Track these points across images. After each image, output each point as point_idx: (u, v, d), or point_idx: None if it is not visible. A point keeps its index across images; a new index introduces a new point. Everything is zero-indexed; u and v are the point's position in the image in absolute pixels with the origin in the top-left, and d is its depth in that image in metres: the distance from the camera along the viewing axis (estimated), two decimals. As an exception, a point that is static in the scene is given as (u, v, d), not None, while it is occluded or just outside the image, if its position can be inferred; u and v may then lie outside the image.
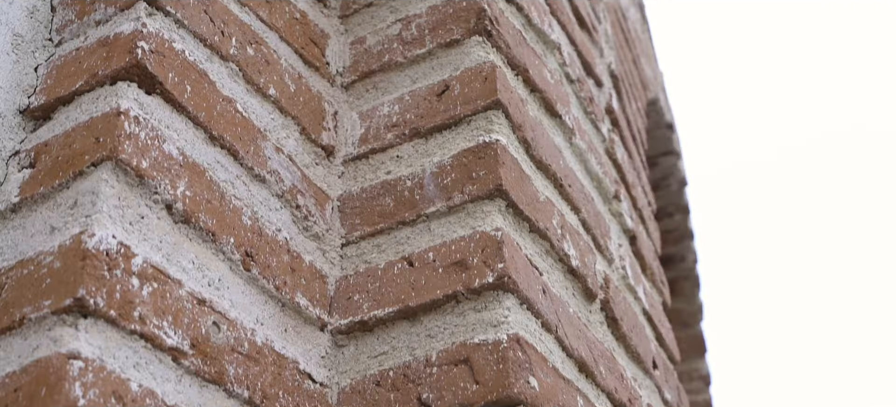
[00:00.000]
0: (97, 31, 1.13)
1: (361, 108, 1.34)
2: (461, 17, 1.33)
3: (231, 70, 1.19)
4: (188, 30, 1.14)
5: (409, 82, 1.33)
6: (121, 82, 1.05)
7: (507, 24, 1.37)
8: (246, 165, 1.15)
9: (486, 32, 1.32)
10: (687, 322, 3.01)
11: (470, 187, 1.19)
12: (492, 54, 1.31)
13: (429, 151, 1.26)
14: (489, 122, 1.24)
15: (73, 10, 1.17)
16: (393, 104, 1.32)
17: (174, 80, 1.09)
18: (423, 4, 1.37)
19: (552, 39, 1.50)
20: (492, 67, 1.28)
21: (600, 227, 1.48)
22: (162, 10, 1.12)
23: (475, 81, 1.28)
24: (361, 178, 1.28)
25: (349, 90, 1.37)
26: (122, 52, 1.07)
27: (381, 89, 1.34)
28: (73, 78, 1.09)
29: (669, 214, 2.86)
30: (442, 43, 1.33)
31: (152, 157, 1.02)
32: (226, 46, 1.19)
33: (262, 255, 1.12)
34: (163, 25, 1.12)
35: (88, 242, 0.92)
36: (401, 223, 1.21)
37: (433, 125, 1.27)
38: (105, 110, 1.03)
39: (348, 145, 1.31)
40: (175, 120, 1.08)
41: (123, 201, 0.98)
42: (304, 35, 1.34)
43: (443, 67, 1.32)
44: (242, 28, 1.23)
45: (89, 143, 1.01)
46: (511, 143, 1.25)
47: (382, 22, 1.39)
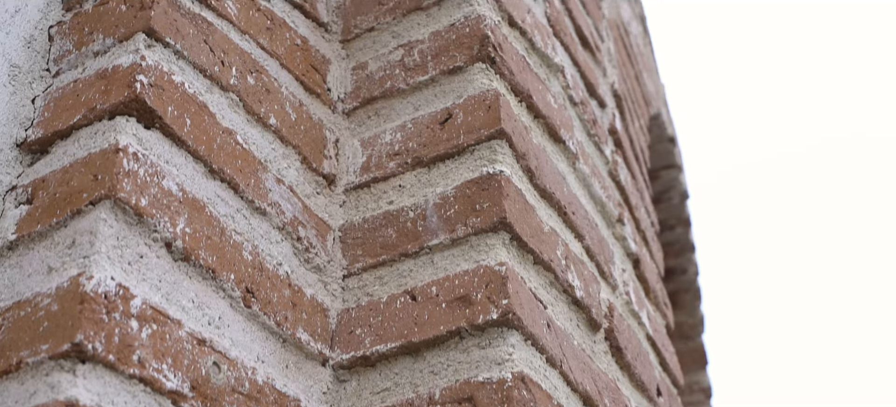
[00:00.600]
0: (96, 62, 1.11)
1: (363, 135, 1.33)
2: (464, 43, 1.31)
3: (231, 100, 1.17)
4: (188, 61, 1.13)
5: (411, 110, 1.31)
6: (119, 117, 1.04)
7: (511, 50, 1.36)
8: (246, 198, 1.13)
9: (490, 59, 1.30)
10: (688, 335, 2.99)
11: (473, 220, 1.17)
12: (495, 81, 1.29)
13: (431, 181, 1.24)
14: (493, 152, 1.23)
15: (71, 40, 1.15)
16: (395, 132, 1.30)
17: (174, 113, 1.07)
18: (426, 30, 1.36)
19: (556, 63, 1.49)
20: (495, 95, 1.26)
21: (604, 253, 1.47)
22: (161, 42, 1.10)
23: (478, 110, 1.26)
24: (363, 208, 1.26)
25: (350, 117, 1.35)
26: (121, 86, 1.05)
27: (383, 116, 1.33)
28: (71, 111, 1.08)
29: (671, 227, 2.84)
30: (445, 70, 1.31)
31: (151, 195, 1.00)
32: (226, 76, 1.17)
33: (262, 290, 1.10)
34: (162, 57, 1.10)
35: (86, 284, 0.91)
36: (403, 255, 1.20)
37: (436, 154, 1.26)
38: (103, 146, 1.01)
39: (350, 174, 1.30)
40: (175, 154, 1.06)
41: (122, 241, 0.96)
42: (304, 61, 1.32)
43: (445, 95, 1.30)
44: (243, 57, 1.21)
45: (87, 181, 0.99)
46: (515, 173, 1.24)
47: (384, 47, 1.37)
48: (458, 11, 1.34)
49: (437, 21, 1.35)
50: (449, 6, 1.36)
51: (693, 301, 2.98)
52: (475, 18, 1.32)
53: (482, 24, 1.31)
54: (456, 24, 1.33)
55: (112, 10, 1.14)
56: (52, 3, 1.21)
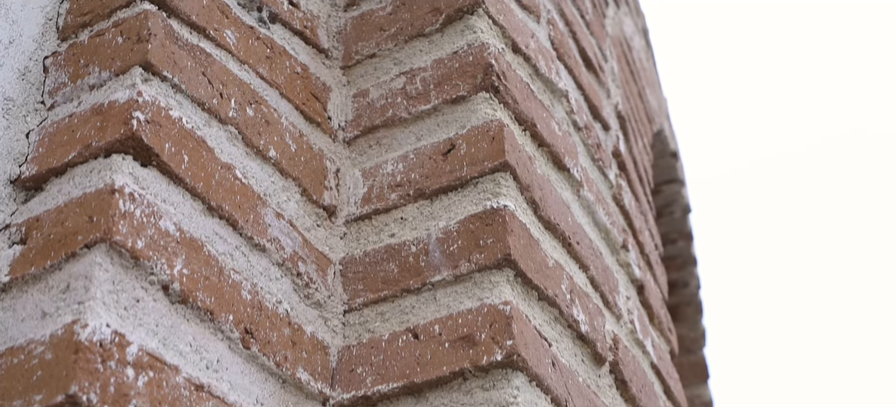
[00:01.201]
0: (91, 96, 1.09)
1: (364, 165, 1.30)
2: (467, 72, 1.29)
3: (230, 133, 1.15)
4: (186, 94, 1.10)
5: (413, 139, 1.29)
6: (115, 155, 1.01)
7: (515, 78, 1.33)
8: (245, 235, 1.11)
9: (494, 89, 1.28)
10: (689, 348, 2.97)
11: (477, 256, 1.15)
12: (499, 111, 1.27)
13: (434, 214, 1.22)
14: (497, 185, 1.20)
15: (67, 72, 1.13)
16: (397, 162, 1.28)
17: (171, 150, 1.04)
18: (428, 57, 1.33)
19: (560, 88, 1.47)
20: (499, 126, 1.24)
21: (609, 282, 1.44)
22: (158, 75, 1.08)
23: (482, 141, 1.24)
24: (364, 241, 1.24)
25: (351, 146, 1.33)
26: (117, 123, 1.02)
27: (385, 146, 1.30)
28: (65, 148, 1.05)
29: (672, 241, 2.82)
30: (448, 99, 1.29)
31: (148, 236, 0.98)
32: (225, 109, 1.15)
33: (262, 330, 1.08)
34: (159, 91, 1.07)
35: (81, 333, 0.88)
36: (405, 291, 1.17)
37: (439, 187, 1.23)
38: (99, 186, 0.99)
39: (351, 205, 1.27)
40: (172, 192, 1.04)
41: (118, 285, 0.94)
42: (305, 90, 1.30)
43: (448, 125, 1.28)
44: (242, 88, 1.19)
45: (82, 222, 0.97)
46: (519, 207, 1.21)
47: (386, 74, 1.35)
48: (462, 39, 1.32)
49: (440, 48, 1.33)
50: (452, 33, 1.33)
51: (694, 315, 2.96)
52: (478, 46, 1.30)
53: (486, 53, 1.29)
54: (459, 52, 1.31)
55: (108, 42, 1.11)
56: (48, 33, 1.19)
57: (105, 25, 1.14)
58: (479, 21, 1.33)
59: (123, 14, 1.13)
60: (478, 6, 1.33)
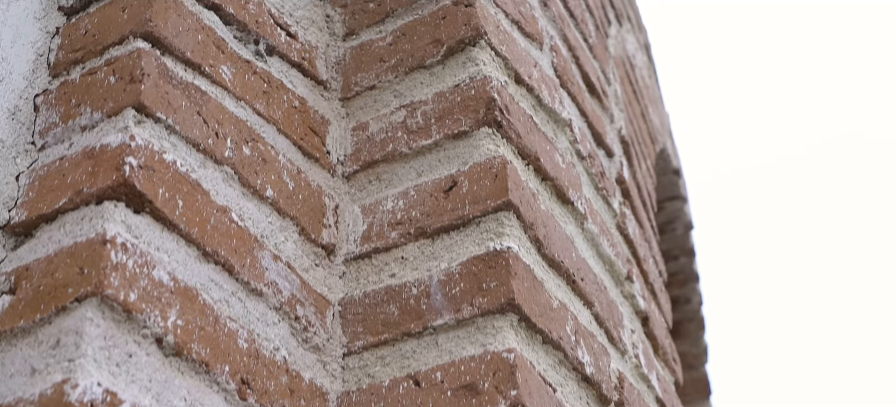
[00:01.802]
0: (83, 138, 1.06)
1: (364, 201, 1.27)
2: (469, 106, 1.26)
3: (226, 174, 1.12)
4: (180, 135, 1.07)
5: (414, 175, 1.26)
6: (107, 202, 0.98)
7: (518, 111, 1.30)
8: (242, 280, 1.07)
9: (496, 123, 1.25)
10: (692, 364, 2.95)
11: (480, 300, 1.12)
12: (502, 147, 1.24)
13: (436, 254, 1.19)
14: (500, 225, 1.17)
15: (58, 111, 1.10)
16: (397, 199, 1.25)
17: (165, 196, 1.01)
18: (429, 90, 1.30)
19: (563, 118, 1.43)
20: (502, 163, 1.21)
21: (613, 316, 1.41)
22: (152, 117, 1.05)
23: (485, 178, 1.21)
24: (364, 281, 1.21)
25: (351, 181, 1.29)
26: (109, 169, 0.99)
27: (385, 181, 1.27)
28: (56, 193, 1.02)
29: (675, 257, 2.79)
30: (449, 134, 1.25)
31: (141, 288, 0.95)
32: (220, 149, 1.12)
33: (258, 380, 1.04)
34: (153, 134, 1.04)
35: (71, 393, 0.85)
36: (406, 335, 1.14)
37: (440, 226, 1.20)
38: (90, 236, 0.96)
39: (350, 243, 1.24)
40: (166, 240, 1.01)
41: (110, 340, 0.91)
42: (303, 124, 1.27)
43: (450, 161, 1.25)
44: (238, 126, 1.16)
45: (73, 274, 0.94)
46: (522, 247, 1.18)
47: (386, 107, 1.32)
48: (463, 71, 1.29)
49: (442, 81, 1.30)
50: (453, 66, 1.30)
51: (697, 331, 2.93)
52: (481, 80, 1.27)
53: (488, 86, 1.26)
54: (461, 85, 1.28)
55: (100, 82, 1.08)
56: (39, 70, 1.16)
57: (97, 63, 1.11)
58: (482, 53, 1.30)
59: (116, 52, 1.10)
60: (480, 37, 1.30)
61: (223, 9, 1.21)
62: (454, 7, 1.33)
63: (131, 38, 1.10)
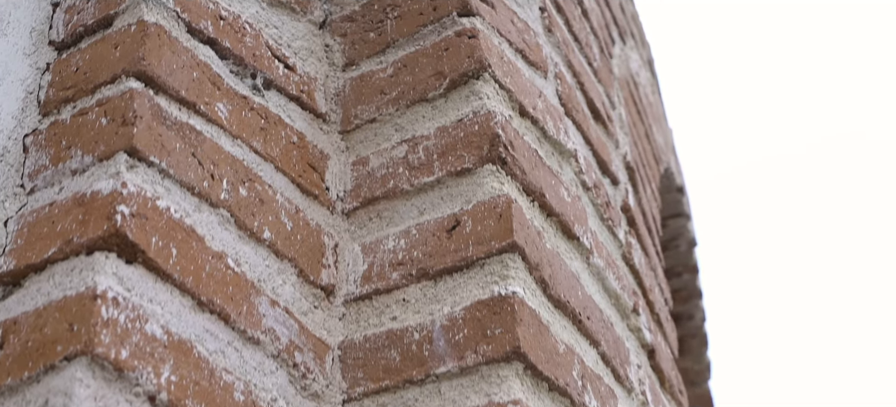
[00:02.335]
0: (73, 182, 1.02)
1: (364, 239, 1.24)
2: (473, 143, 1.22)
3: (222, 217, 1.08)
4: (174, 179, 1.04)
5: (416, 213, 1.22)
6: (98, 252, 0.94)
7: (522, 147, 1.26)
8: (238, 329, 1.04)
9: (501, 160, 1.21)
10: (694, 381, 2.91)
11: (484, 347, 1.08)
12: (506, 184, 1.20)
13: (438, 297, 1.15)
14: (504, 267, 1.13)
15: (48, 153, 1.06)
16: (398, 238, 1.21)
17: (158, 244, 0.98)
18: (431, 124, 1.26)
19: (568, 149, 1.40)
20: (507, 203, 1.17)
21: (620, 353, 1.38)
22: (144, 161, 1.01)
23: (489, 218, 1.17)
24: (364, 324, 1.17)
25: (350, 218, 1.26)
26: (100, 218, 0.96)
27: (386, 219, 1.24)
28: (45, 241, 0.98)
29: (678, 274, 2.76)
30: (452, 171, 1.22)
31: (133, 344, 0.91)
32: (216, 191, 1.08)
33: (255, 434, 1.01)
34: (146, 179, 1.01)
35: (59, 460, 0.82)
36: (408, 382, 1.11)
37: (443, 267, 1.16)
38: (80, 289, 0.92)
39: (350, 283, 1.21)
40: (159, 291, 0.97)
41: (101, 401, 0.87)
42: (301, 160, 1.23)
43: (453, 199, 1.21)
44: (234, 166, 1.12)
45: (62, 330, 0.90)
46: (527, 290, 1.15)
47: (387, 141, 1.28)
48: (467, 106, 1.25)
49: (444, 115, 1.26)
50: (456, 99, 1.26)
51: (699, 347, 2.90)
52: (484, 115, 1.23)
53: (492, 122, 1.22)
54: (464, 120, 1.24)
55: (92, 123, 1.05)
56: (28, 108, 1.12)
57: (89, 103, 1.07)
58: (485, 86, 1.26)
59: (108, 91, 1.06)
60: (483, 70, 1.26)
61: (219, 43, 1.18)
62: (457, 38, 1.29)
63: (124, 78, 1.06)
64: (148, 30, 1.08)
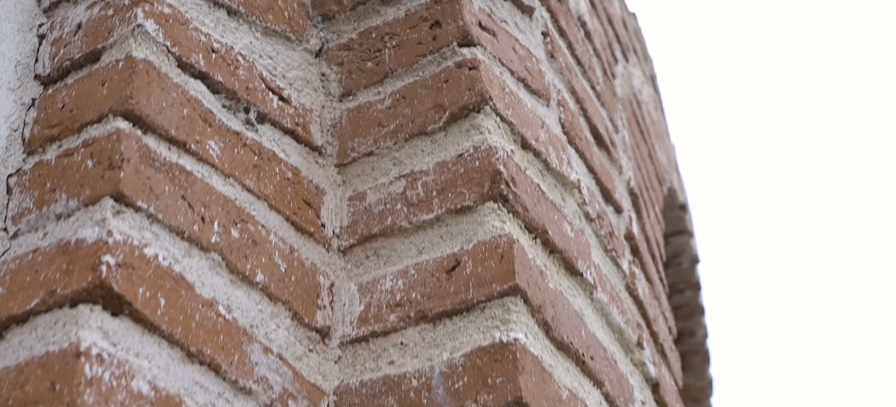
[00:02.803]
0: (58, 228, 0.98)
1: (361, 278, 1.20)
2: (473, 179, 1.18)
3: (213, 261, 1.04)
4: (163, 224, 0.99)
5: (414, 252, 1.18)
6: (83, 305, 0.90)
7: (524, 182, 1.22)
8: (229, 379, 1.00)
9: (502, 198, 1.17)
10: (696, 398, 2.88)
11: (485, 397, 1.04)
12: (507, 222, 1.16)
13: (437, 341, 1.11)
14: (506, 311, 1.10)
15: (32, 195, 1.02)
16: (396, 278, 1.17)
17: (145, 295, 0.94)
18: (430, 159, 1.22)
19: (571, 180, 1.36)
20: (509, 243, 1.13)
21: (624, 392, 1.34)
22: (132, 206, 0.97)
23: (490, 259, 1.13)
24: (361, 368, 1.13)
25: (347, 255, 1.22)
26: (84, 269, 0.92)
27: (383, 257, 1.20)
28: (28, 292, 0.94)
29: (680, 291, 2.72)
30: (452, 209, 1.18)
31: (119, 402, 0.87)
32: (207, 235, 1.04)
33: (247, 490, 0.97)
34: (133, 225, 0.97)
35: None
36: (406, 432, 1.07)
37: (442, 310, 1.12)
38: (63, 345, 0.88)
39: (346, 324, 1.17)
40: (147, 343, 0.93)
41: (83, 465, 0.83)
42: (296, 197, 1.19)
43: (453, 238, 1.17)
44: (226, 206, 1.08)
45: (44, 390, 0.86)
46: (530, 333, 1.11)
47: (384, 176, 1.24)
48: (467, 140, 1.21)
49: (444, 149, 1.22)
50: (456, 133, 1.22)
51: (701, 364, 2.86)
52: (485, 150, 1.19)
53: (494, 158, 1.18)
54: (464, 155, 1.20)
55: (77, 166, 1.01)
56: (12, 146, 1.08)
57: (74, 143, 1.03)
58: (486, 120, 1.22)
59: (94, 131, 1.02)
60: (484, 103, 1.22)
61: (211, 77, 1.14)
62: (457, 69, 1.25)
63: (111, 117, 1.02)
64: (136, 66, 1.04)
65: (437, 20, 1.28)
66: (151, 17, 1.09)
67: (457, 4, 1.28)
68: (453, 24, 1.27)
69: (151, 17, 1.09)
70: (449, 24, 1.28)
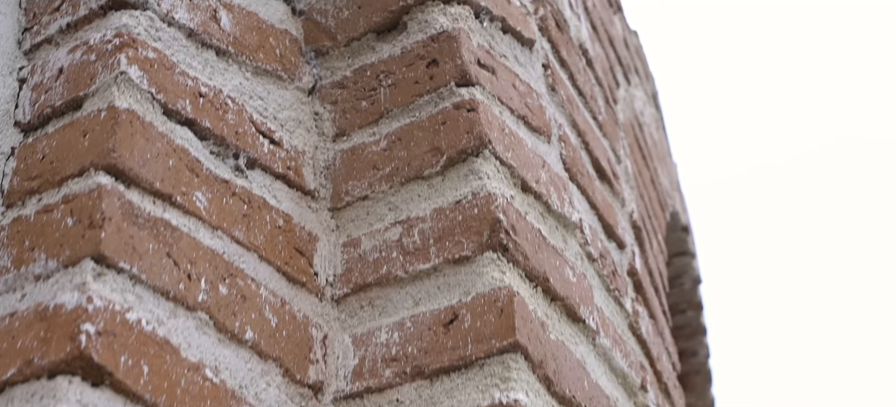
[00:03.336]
0: (36, 290, 0.93)
1: (355, 330, 1.15)
2: (472, 228, 1.14)
3: (199, 321, 0.99)
4: (147, 285, 0.95)
5: (411, 303, 1.14)
6: (61, 377, 0.86)
7: (525, 229, 1.18)
8: (216, 447, 0.95)
9: (502, 247, 1.12)
10: (698, 418, 2.83)
11: (484, 462, 1.00)
12: (507, 273, 1.12)
13: (434, 399, 1.07)
14: (506, 369, 1.05)
15: (10, 254, 0.98)
16: (392, 330, 1.13)
17: (127, 364, 0.89)
18: (428, 204, 1.18)
19: (573, 221, 1.31)
20: (509, 297, 1.08)
21: (627, 441, 1.30)
22: (114, 268, 0.93)
23: (489, 313, 1.09)
24: (355, 426, 1.09)
25: (341, 305, 1.17)
26: (63, 338, 0.87)
27: (378, 308, 1.15)
28: (5, 360, 0.90)
29: (682, 311, 2.68)
30: (450, 259, 1.13)
31: (98, 482, 0.83)
32: (193, 293, 0.99)
33: None
34: (115, 287, 0.92)
35: None
36: None
37: (440, 366, 1.08)
38: (40, 422, 0.83)
39: (340, 379, 1.12)
40: (128, 415, 0.88)
41: None
42: (287, 246, 1.14)
43: (451, 289, 1.12)
44: (214, 261, 1.04)
45: (19, 470, 0.82)
46: (531, 391, 1.06)
47: (380, 221, 1.19)
48: (466, 185, 1.17)
49: (441, 195, 1.18)
50: (454, 178, 1.18)
51: (703, 384, 2.82)
52: (484, 197, 1.14)
53: (493, 206, 1.14)
54: (462, 201, 1.16)
55: (57, 224, 0.96)
56: (-10, 199, 1.03)
57: (54, 199, 0.98)
58: (485, 164, 1.17)
59: (75, 186, 0.98)
60: (483, 147, 1.18)
61: (198, 123, 1.09)
62: (455, 111, 1.20)
63: (92, 171, 0.98)
64: (119, 117, 1.00)
65: (435, 59, 1.24)
66: (135, 63, 1.04)
67: (455, 42, 1.23)
68: (451, 63, 1.23)
69: (135, 63, 1.04)
70: (447, 63, 1.23)
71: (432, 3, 1.26)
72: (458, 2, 1.27)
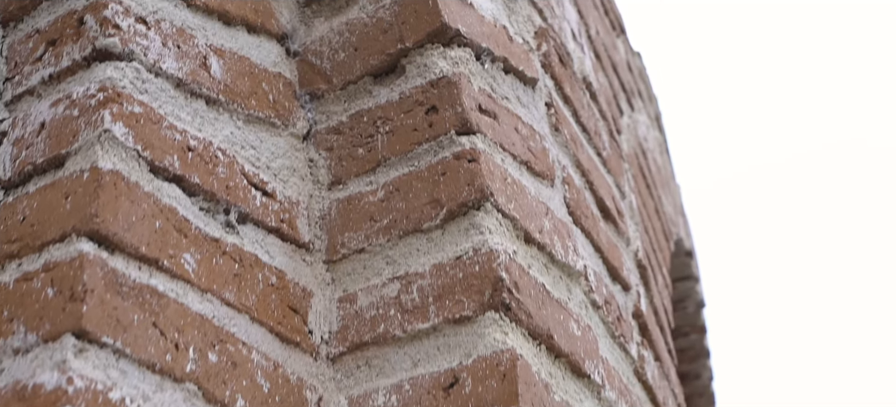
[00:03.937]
0: (15, 365, 0.89)
1: (351, 391, 1.10)
2: (473, 286, 1.09)
3: (188, 392, 0.95)
4: (131, 359, 0.90)
5: (409, 365, 1.09)
6: (39, 465, 0.81)
7: (528, 285, 1.13)
8: None
9: (504, 306, 1.08)
10: (700, 441, 2.79)
11: None
12: (510, 334, 1.07)
13: (434, 468, 1.02)
14: (509, 439, 1.00)
15: (-13, 324, 0.93)
16: (390, 393, 1.08)
17: (110, 447, 0.84)
18: (427, 260, 1.13)
19: (577, 269, 1.26)
20: (511, 361, 1.04)
21: None
22: (96, 343, 0.88)
23: (491, 378, 1.04)
24: (351, 495, 1.04)
25: (336, 364, 1.13)
26: (41, 423, 0.82)
27: (376, 368, 1.10)
28: (-21, 443, 0.85)
29: (685, 334, 2.64)
30: (450, 318, 1.09)
31: None
32: (181, 363, 0.95)
33: None
34: (97, 364, 0.87)
35: None
36: None
37: (439, 434, 1.03)
38: None
39: (335, 444, 1.08)
40: None
41: None
42: (281, 304, 1.09)
43: (451, 351, 1.08)
44: (203, 328, 0.99)
45: None
46: (535, 460, 1.02)
47: (377, 276, 1.15)
48: (466, 241, 1.12)
49: (441, 249, 1.13)
50: (454, 232, 1.13)
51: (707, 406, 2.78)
52: (486, 254, 1.10)
53: (495, 263, 1.09)
54: (463, 257, 1.11)
55: (37, 293, 0.91)
56: (-32, 262, 0.99)
57: (34, 266, 0.94)
58: (487, 218, 1.13)
59: (56, 253, 0.93)
60: (485, 200, 1.13)
61: (187, 180, 1.04)
62: (455, 161, 1.16)
63: (74, 237, 0.93)
64: (102, 179, 0.95)
65: (434, 105, 1.19)
66: (120, 119, 0.99)
67: (455, 88, 1.19)
68: (451, 110, 1.18)
69: (120, 120, 0.99)
70: (446, 110, 1.18)
71: (431, 46, 1.21)
72: (458, 44, 1.22)
